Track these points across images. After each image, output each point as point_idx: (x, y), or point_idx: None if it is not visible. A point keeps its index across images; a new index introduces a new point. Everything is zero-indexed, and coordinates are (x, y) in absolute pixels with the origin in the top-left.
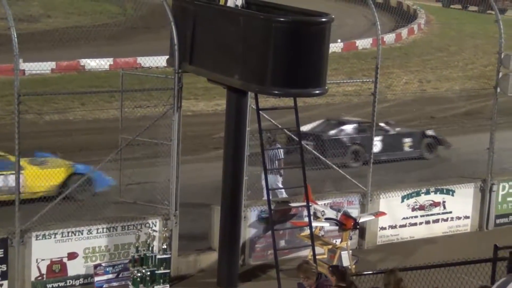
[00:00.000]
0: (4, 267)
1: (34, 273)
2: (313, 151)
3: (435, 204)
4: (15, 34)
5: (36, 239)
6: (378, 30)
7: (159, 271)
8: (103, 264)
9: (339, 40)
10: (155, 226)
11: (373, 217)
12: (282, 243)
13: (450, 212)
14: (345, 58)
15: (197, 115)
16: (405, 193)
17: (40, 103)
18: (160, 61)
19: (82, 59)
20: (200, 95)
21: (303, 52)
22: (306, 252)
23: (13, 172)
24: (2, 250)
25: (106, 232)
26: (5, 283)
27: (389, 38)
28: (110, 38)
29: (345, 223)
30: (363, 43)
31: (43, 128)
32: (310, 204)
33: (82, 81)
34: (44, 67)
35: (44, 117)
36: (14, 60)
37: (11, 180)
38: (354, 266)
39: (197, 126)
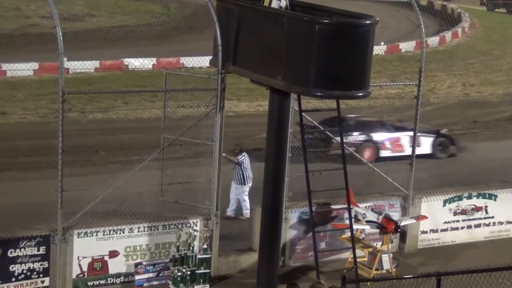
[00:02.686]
0: (46, 264)
1: (76, 271)
2: (355, 154)
3: (477, 209)
4: (60, 33)
5: (78, 237)
6: (422, 33)
7: (200, 271)
8: (144, 263)
9: (382, 43)
10: (196, 226)
11: (415, 221)
12: (322, 245)
13: (492, 217)
14: (388, 60)
15: (239, 116)
16: (447, 197)
17: (84, 102)
18: (203, 61)
19: (126, 59)
20: (242, 96)
21: (346, 54)
22: (347, 255)
23: None
24: (44, 247)
25: (147, 231)
26: (47, 280)
27: (433, 41)
28: (153, 38)
29: (386, 226)
30: (407, 46)
31: (86, 126)
32: (351, 207)
33: (125, 80)
34: (88, 66)
35: (87, 115)
36: (59, 59)
37: None
38: (394, 270)
39: (238, 127)
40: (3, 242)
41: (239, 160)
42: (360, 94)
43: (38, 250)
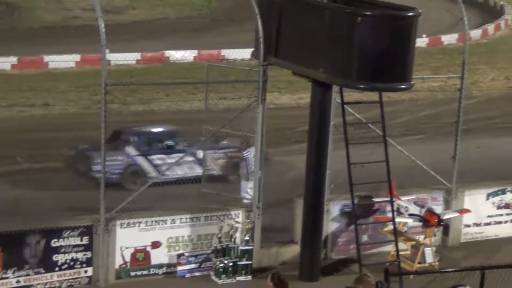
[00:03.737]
0: (89, 254)
1: (118, 261)
2: (400, 147)
3: None
4: (102, 25)
5: (121, 227)
6: (465, 25)
7: (241, 262)
8: (186, 254)
9: (424, 35)
10: (238, 217)
11: (458, 214)
12: (364, 237)
13: None
14: (430, 53)
15: (280, 108)
16: (491, 191)
17: (125, 94)
18: (244, 53)
19: (167, 51)
20: (284, 88)
21: (389, 47)
22: (389, 248)
23: None
24: (88, 237)
25: (190, 222)
26: (90, 269)
27: (475, 34)
28: (194, 30)
29: (429, 220)
30: (449, 39)
31: (127, 118)
32: (393, 200)
33: (167, 72)
34: (129, 58)
35: (129, 107)
36: (100, 51)
37: None
38: (437, 263)
39: (279, 119)
40: (46, 232)
41: (244, 155)
42: (403, 86)
43: (81, 240)
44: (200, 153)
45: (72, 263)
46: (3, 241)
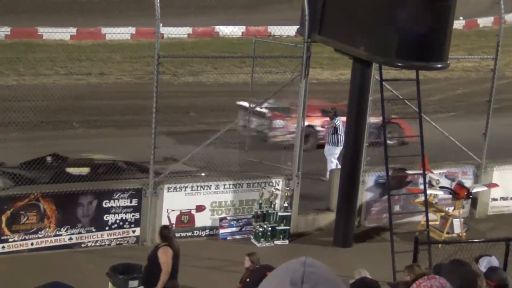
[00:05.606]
0: (137, 215)
1: (165, 222)
2: (434, 123)
3: None
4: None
5: (168, 191)
6: (501, 9)
7: (280, 227)
8: (228, 218)
9: (461, 18)
10: (278, 185)
11: (486, 188)
12: (397, 207)
13: None
14: (466, 35)
15: (322, 84)
16: None
17: (176, 66)
18: (290, 30)
19: (217, 26)
20: (325, 65)
21: (428, 27)
22: (419, 218)
23: None
24: (137, 199)
25: (232, 188)
26: (138, 230)
27: (511, 17)
28: (244, 7)
29: (458, 192)
30: (485, 21)
31: (178, 88)
32: (426, 173)
33: (216, 46)
34: (181, 32)
35: (180, 78)
36: (155, 24)
37: None
38: (464, 234)
39: (321, 94)
40: (98, 193)
41: (336, 124)
42: (439, 65)
43: (131, 202)
44: None
45: (121, 223)
46: (58, 201)
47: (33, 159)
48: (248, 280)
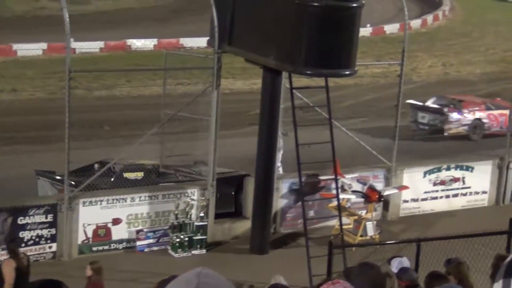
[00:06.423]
0: (53, 231)
1: (81, 237)
2: (342, 128)
3: (455, 180)
4: (67, 15)
5: (83, 205)
6: (405, 16)
7: (197, 237)
8: (145, 230)
9: (368, 25)
10: (194, 195)
11: (397, 191)
12: (311, 213)
13: (469, 187)
14: (373, 42)
15: (235, 93)
16: (427, 169)
17: (90, 80)
18: (201, 42)
19: (129, 39)
20: (238, 74)
21: (335, 35)
22: (333, 222)
23: None
24: (52, 215)
25: (148, 200)
26: (54, 245)
27: (415, 23)
28: (156, 20)
29: (370, 196)
30: (391, 28)
31: (92, 103)
32: (338, 178)
33: (128, 59)
34: (93, 46)
35: (93, 92)
36: (66, 39)
37: None
38: (377, 236)
39: (234, 104)
40: (13, 210)
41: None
42: (347, 72)
43: (46, 218)
44: None
45: (37, 239)
46: None
47: (83, 167)
48: None
